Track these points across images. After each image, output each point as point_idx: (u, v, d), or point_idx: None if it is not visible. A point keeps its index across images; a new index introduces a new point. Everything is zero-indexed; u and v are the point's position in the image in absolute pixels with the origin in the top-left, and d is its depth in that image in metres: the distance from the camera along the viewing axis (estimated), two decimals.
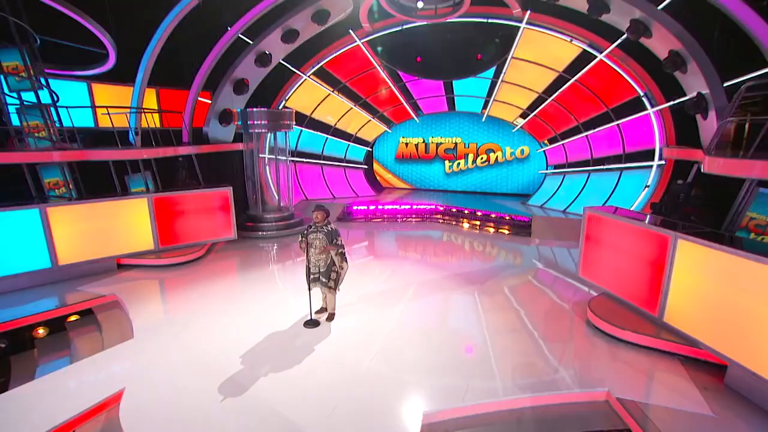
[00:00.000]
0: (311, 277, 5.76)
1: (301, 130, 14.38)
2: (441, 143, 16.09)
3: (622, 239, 5.85)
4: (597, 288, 6.52)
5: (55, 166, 8.07)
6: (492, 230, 11.52)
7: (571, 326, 5.90)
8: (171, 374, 4.67)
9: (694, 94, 8.14)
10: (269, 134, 12.64)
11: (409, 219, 12.88)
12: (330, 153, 15.76)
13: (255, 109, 10.74)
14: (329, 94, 13.68)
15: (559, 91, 11.93)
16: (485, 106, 14.48)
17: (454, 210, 12.77)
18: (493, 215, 12.09)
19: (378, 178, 17.24)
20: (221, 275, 7.98)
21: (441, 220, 12.61)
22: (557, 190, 13.47)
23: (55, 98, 8.19)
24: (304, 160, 15.10)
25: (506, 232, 11.29)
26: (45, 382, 4.52)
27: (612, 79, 10.54)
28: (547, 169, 14.66)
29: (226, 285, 7.46)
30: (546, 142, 14.35)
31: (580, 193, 12.51)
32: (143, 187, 9.18)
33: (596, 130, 12.03)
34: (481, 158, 15.63)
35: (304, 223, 11.54)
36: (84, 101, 9.70)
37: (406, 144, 16.48)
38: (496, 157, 15.42)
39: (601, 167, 12.19)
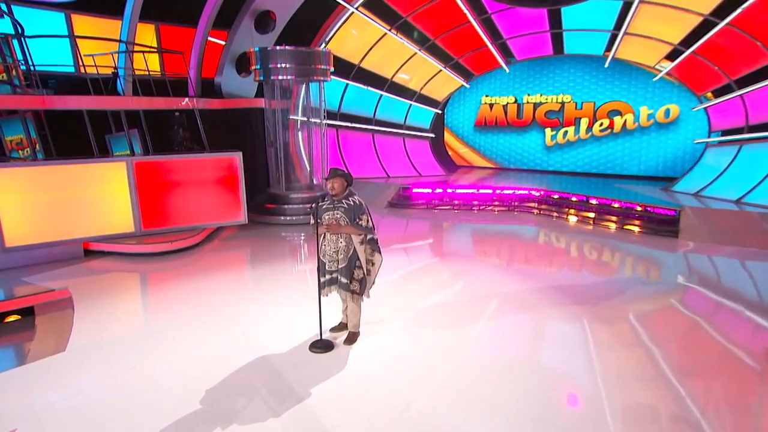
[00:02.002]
0: (326, 276, 5.08)
1: (347, 84, 14.08)
2: (541, 103, 15.26)
3: None
4: None
5: (17, 119, 7.94)
6: (613, 227, 10.80)
7: (761, 385, 4.78)
8: (95, 413, 4.05)
9: None
10: (302, 86, 12.06)
11: (490, 208, 12.52)
12: (384, 116, 15.47)
13: (277, 47, 10.04)
14: (385, 34, 13.34)
15: (741, 8, 9.98)
16: (611, 45, 13.27)
17: (555, 197, 12.29)
18: (615, 205, 11.33)
19: (450, 152, 16.97)
20: (218, 271, 7.68)
21: (536, 211, 12.18)
22: (726, 168, 11.98)
23: (20, 30, 8.01)
24: (349, 124, 14.83)
25: (636, 230, 10.44)
26: None
27: None
28: (709, 136, 13.20)
29: (219, 285, 7.09)
30: (709, 95, 12.89)
31: None
32: (128, 150, 8.86)
33: None
34: (601, 124, 14.52)
35: None
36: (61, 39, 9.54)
37: (491, 105, 15.94)
38: (624, 121, 14.21)
39: None
